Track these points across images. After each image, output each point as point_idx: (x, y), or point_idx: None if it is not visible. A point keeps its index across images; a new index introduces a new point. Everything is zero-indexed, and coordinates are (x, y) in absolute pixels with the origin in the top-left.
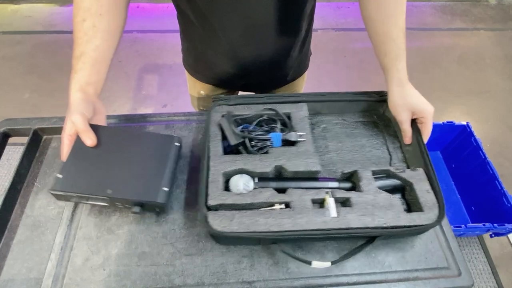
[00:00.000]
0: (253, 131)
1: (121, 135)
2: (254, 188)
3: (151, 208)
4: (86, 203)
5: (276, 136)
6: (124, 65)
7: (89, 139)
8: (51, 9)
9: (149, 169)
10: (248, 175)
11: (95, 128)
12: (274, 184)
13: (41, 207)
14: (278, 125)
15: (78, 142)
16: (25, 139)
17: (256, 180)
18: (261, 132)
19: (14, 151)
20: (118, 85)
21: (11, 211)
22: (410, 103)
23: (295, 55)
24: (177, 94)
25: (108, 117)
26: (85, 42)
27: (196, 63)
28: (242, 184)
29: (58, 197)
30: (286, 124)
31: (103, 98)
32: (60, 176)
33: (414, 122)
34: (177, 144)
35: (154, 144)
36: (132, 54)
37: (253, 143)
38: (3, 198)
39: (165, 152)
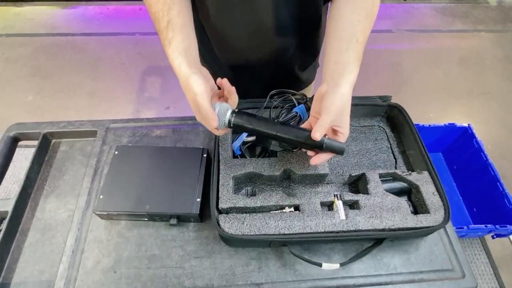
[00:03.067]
0: (276, 119)
1: (152, 153)
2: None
3: (186, 219)
4: (128, 220)
5: (300, 109)
6: (127, 67)
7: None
8: (53, 11)
9: (182, 182)
10: (256, 176)
11: (126, 149)
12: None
13: (52, 210)
14: (294, 100)
15: (114, 163)
16: (29, 142)
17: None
18: (285, 113)
19: (18, 153)
20: (121, 87)
21: (22, 214)
22: (342, 109)
23: (306, 65)
24: (180, 96)
25: (115, 121)
26: (166, 11)
27: None
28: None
29: (101, 216)
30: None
31: (105, 100)
32: (101, 197)
33: (409, 125)
34: (205, 155)
35: (184, 158)
36: (135, 56)
37: None
38: (14, 202)
39: (195, 165)
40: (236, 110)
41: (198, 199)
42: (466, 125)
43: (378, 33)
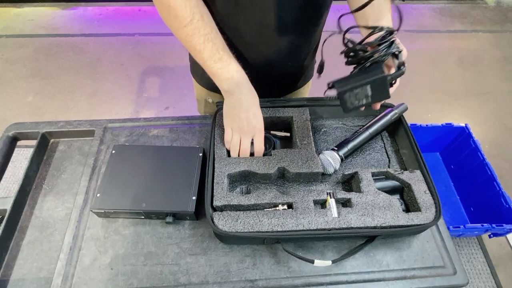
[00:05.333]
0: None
1: (149, 152)
2: None
3: (182, 217)
4: (124, 218)
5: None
6: (126, 68)
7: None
8: (53, 12)
9: (178, 181)
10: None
11: (123, 148)
12: None
13: (50, 209)
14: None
15: (111, 162)
16: (30, 142)
17: None
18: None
19: (18, 153)
20: (120, 88)
21: (20, 212)
22: None
23: (306, 63)
24: (179, 96)
25: (113, 120)
26: (216, 33)
27: (205, 72)
28: None
29: (99, 215)
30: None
31: (105, 100)
32: (98, 195)
33: (403, 125)
34: (201, 154)
35: (181, 157)
36: (134, 57)
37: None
38: (13, 200)
39: (191, 163)
40: None
41: (194, 197)
42: (463, 125)
43: None
